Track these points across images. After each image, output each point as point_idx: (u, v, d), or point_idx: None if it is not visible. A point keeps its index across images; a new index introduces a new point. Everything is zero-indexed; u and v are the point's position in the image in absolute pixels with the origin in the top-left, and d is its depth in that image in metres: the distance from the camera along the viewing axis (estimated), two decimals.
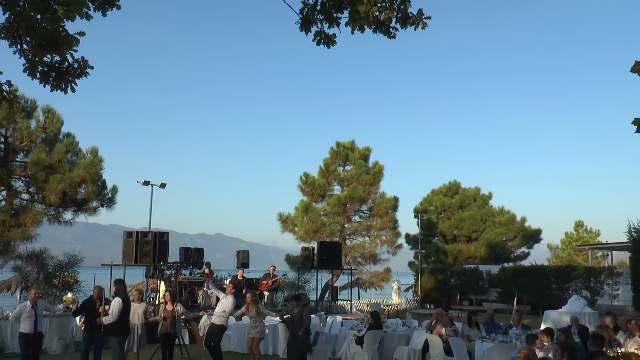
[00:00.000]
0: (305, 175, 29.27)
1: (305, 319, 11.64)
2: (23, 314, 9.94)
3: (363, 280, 29.21)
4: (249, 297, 12.03)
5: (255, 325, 11.77)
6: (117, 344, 9.70)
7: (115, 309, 9.60)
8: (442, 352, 10.58)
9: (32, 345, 9.94)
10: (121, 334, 9.84)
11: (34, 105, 17.19)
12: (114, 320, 9.60)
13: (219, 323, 11.66)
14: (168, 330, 11.29)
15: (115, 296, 9.86)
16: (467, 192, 36.79)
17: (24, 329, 9.94)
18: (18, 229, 16.40)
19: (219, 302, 12.01)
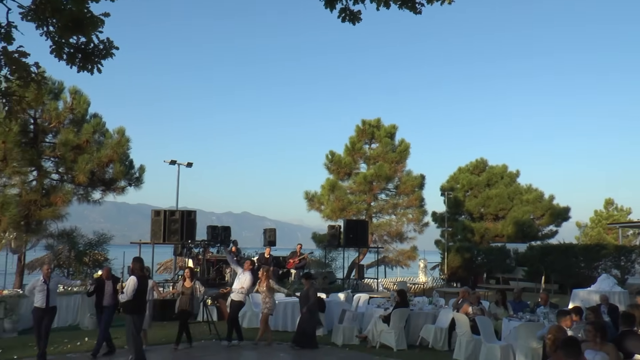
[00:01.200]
0: (331, 154, 29.22)
1: (310, 297, 11.79)
2: (36, 287, 10.08)
3: (389, 258, 29.21)
4: (261, 272, 12.17)
5: (266, 301, 11.95)
6: (131, 323, 9.69)
7: (129, 288, 9.59)
8: (468, 331, 10.56)
9: (44, 318, 10.03)
10: (136, 312, 9.81)
11: (61, 86, 17.37)
12: (129, 299, 9.64)
13: (238, 299, 11.87)
14: (185, 307, 11.40)
15: (132, 274, 9.86)
16: (494, 169, 36.38)
17: (36, 302, 10.08)
18: (49, 208, 16.69)
19: (237, 279, 12.19)
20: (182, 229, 17.70)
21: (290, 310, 14.01)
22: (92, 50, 6.03)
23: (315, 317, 11.98)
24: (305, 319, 11.78)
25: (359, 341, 12.08)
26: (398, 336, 11.45)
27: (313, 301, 11.85)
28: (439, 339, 11.61)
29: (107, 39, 6.02)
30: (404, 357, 10.74)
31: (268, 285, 12.02)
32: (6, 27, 5.57)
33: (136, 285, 9.61)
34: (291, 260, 20.79)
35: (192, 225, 18.12)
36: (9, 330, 13.36)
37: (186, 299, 11.41)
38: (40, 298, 10.02)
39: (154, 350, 11.19)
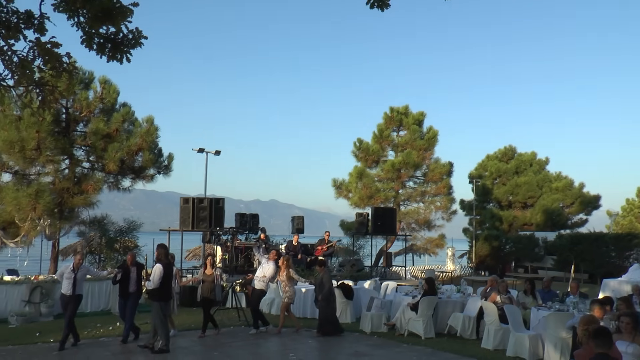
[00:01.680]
0: (359, 141, 29.16)
1: (325, 283, 11.85)
2: (65, 273, 10.31)
3: (417, 246, 29.13)
4: (281, 261, 12.25)
5: (285, 290, 12.05)
6: (159, 309, 9.83)
7: (156, 275, 9.70)
8: (497, 320, 10.50)
9: (68, 305, 10.21)
10: (163, 299, 9.95)
11: (92, 76, 17.63)
12: (156, 287, 9.75)
13: (259, 287, 12.00)
14: (207, 294, 11.50)
15: (157, 261, 9.94)
16: (523, 157, 35.92)
17: (62, 289, 10.37)
18: (80, 196, 17.01)
19: (260, 267, 12.31)
20: (211, 216, 17.89)
21: (311, 297, 14.12)
22: (122, 40, 6.11)
23: (331, 304, 12.04)
24: (322, 307, 11.88)
25: (387, 329, 12.10)
26: (426, 324, 11.44)
27: (328, 288, 11.92)
28: (467, 328, 11.58)
29: (136, 28, 6.09)
30: (432, 345, 10.73)
31: (288, 275, 12.13)
32: (39, 18, 5.67)
33: (162, 273, 9.74)
34: (319, 248, 20.86)
35: (221, 212, 18.30)
36: (45, 314, 13.74)
37: (208, 286, 11.51)
38: (67, 285, 10.26)
39: (183, 336, 11.39)
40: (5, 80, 5.89)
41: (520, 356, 9.56)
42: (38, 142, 15.76)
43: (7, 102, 15.95)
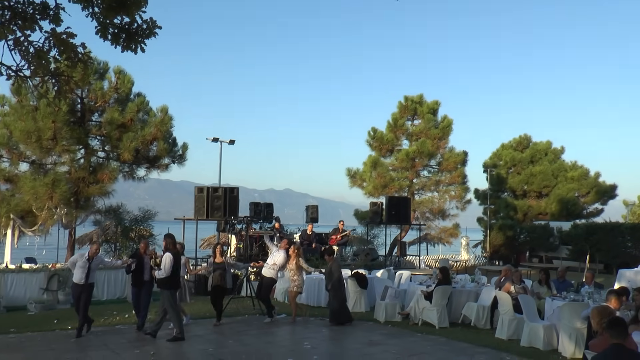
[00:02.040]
0: (373, 130, 29.14)
1: (334, 272, 11.88)
2: (79, 262, 10.29)
3: (431, 235, 29.12)
4: (291, 249, 12.29)
5: (294, 279, 12.10)
6: (169, 298, 9.93)
7: (167, 264, 9.77)
8: (511, 310, 10.48)
9: (81, 294, 10.24)
10: (173, 287, 10.04)
11: (106, 66, 17.69)
12: (167, 275, 9.81)
13: (269, 276, 12.06)
14: (218, 282, 11.57)
15: (165, 251, 10.02)
16: (538, 146, 35.64)
17: (75, 278, 10.33)
18: (96, 185, 17.14)
19: (271, 255, 12.36)
20: (225, 205, 17.99)
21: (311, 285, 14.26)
22: (136, 30, 6.12)
23: (340, 293, 12.08)
24: (332, 296, 11.93)
25: (401, 318, 12.12)
26: (440, 314, 11.45)
27: (337, 277, 11.97)
28: (481, 317, 11.57)
29: (150, 18, 6.10)
30: (446, 334, 10.74)
31: (297, 264, 12.19)
32: (54, 9, 5.69)
33: (172, 262, 9.82)
34: (333, 237, 20.92)
35: (235, 201, 18.39)
36: (62, 301, 13.93)
37: (219, 274, 11.59)
38: (79, 274, 10.24)
39: (198, 324, 11.51)
40: (22, 70, 5.94)
41: (535, 346, 9.54)
42: (54, 132, 15.88)
43: (23, 92, 16.11)
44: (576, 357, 8.72)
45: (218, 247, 12.10)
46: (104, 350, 9.16)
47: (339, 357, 8.88)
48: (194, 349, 9.45)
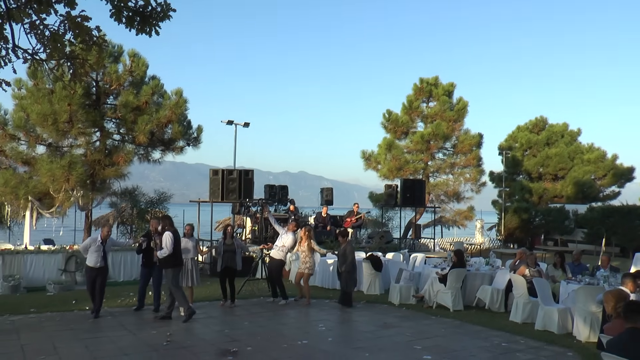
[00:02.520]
0: (388, 113, 29.07)
1: (348, 255, 11.91)
2: (92, 247, 10.34)
3: (446, 218, 29.11)
4: (302, 231, 12.33)
5: (305, 261, 12.15)
6: (173, 276, 10.05)
7: (168, 242, 9.85)
8: (525, 293, 10.46)
9: (96, 277, 10.34)
10: (176, 265, 10.15)
11: (121, 50, 17.72)
12: (170, 253, 9.89)
13: (278, 257, 12.13)
14: (227, 264, 11.65)
15: (163, 231, 10.07)
16: (554, 128, 35.33)
17: (89, 262, 10.37)
18: (112, 167, 17.27)
19: (279, 237, 12.41)
20: (240, 187, 18.05)
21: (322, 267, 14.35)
22: (150, 13, 6.12)
23: (352, 276, 12.15)
24: (345, 278, 11.99)
25: (415, 301, 12.16)
26: (454, 297, 11.46)
27: (350, 259, 12.01)
28: (496, 300, 11.58)
29: (164, 1, 6.10)
30: (460, 317, 10.76)
31: (309, 246, 12.25)
32: None
33: (173, 239, 9.91)
34: (348, 220, 20.95)
35: (250, 184, 18.45)
36: (80, 282, 14.12)
37: (229, 256, 11.66)
38: (94, 258, 10.32)
39: (214, 306, 11.62)
40: (38, 54, 5.98)
41: (549, 330, 9.53)
42: (70, 114, 15.99)
43: (39, 75, 16.21)
44: (591, 340, 8.70)
45: (228, 228, 12.13)
46: (121, 331, 9.29)
47: (353, 339, 8.93)
48: (210, 330, 9.55)
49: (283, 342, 8.56)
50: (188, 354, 7.79)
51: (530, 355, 7.99)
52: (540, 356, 7.96)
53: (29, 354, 7.77)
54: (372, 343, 8.61)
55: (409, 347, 8.35)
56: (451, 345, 8.56)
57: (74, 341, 8.60)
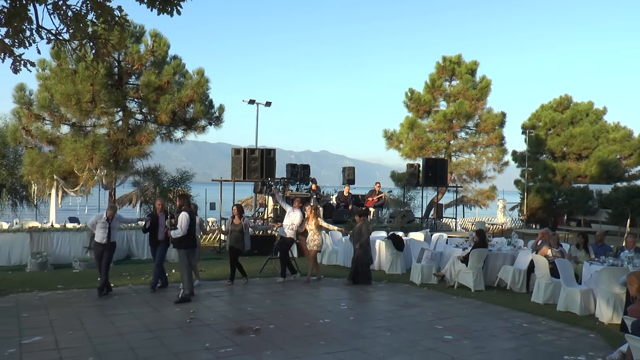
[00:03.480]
0: (410, 91, 28.90)
1: (363, 233, 11.96)
2: (98, 223, 10.44)
3: (468, 198, 28.99)
4: (308, 209, 12.40)
5: (314, 238, 12.24)
6: (185, 257, 10.06)
7: (183, 223, 9.85)
8: (547, 273, 10.40)
9: (104, 252, 10.45)
10: (190, 247, 10.16)
11: (142, 30, 17.77)
12: (184, 234, 9.92)
13: (288, 236, 12.27)
14: (234, 244, 11.71)
15: (179, 211, 10.07)
16: (579, 106, 34.71)
17: (97, 237, 10.51)
18: (134, 147, 17.43)
19: (287, 216, 12.51)
20: (262, 167, 18.13)
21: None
22: None
23: (368, 253, 12.23)
24: (360, 256, 12.05)
25: (436, 280, 12.17)
26: (476, 277, 11.44)
27: (366, 238, 12.07)
28: (517, 281, 11.53)
29: None
30: (481, 297, 10.75)
31: (317, 223, 12.37)
32: None
33: (189, 220, 9.92)
34: (370, 199, 20.98)
35: (272, 163, 18.51)
36: None
37: (236, 235, 11.70)
38: (101, 234, 10.43)
39: (238, 284, 11.75)
40: (61, 34, 6.02)
41: (571, 311, 9.47)
42: (93, 94, 16.13)
43: (62, 56, 16.35)
44: (614, 322, 8.63)
45: (235, 208, 12.10)
46: (145, 308, 9.45)
47: (374, 318, 8.98)
48: (232, 307, 9.67)
49: (305, 321, 8.65)
50: (211, 331, 7.90)
51: (552, 337, 7.96)
52: (562, 337, 7.93)
53: (57, 329, 7.95)
54: (394, 322, 8.65)
55: (430, 327, 8.38)
56: (472, 325, 8.57)
57: (100, 317, 8.79)
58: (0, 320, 8.46)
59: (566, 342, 7.69)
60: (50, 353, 6.80)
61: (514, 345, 7.48)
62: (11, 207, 22.69)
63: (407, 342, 7.49)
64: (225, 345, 7.17)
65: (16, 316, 8.72)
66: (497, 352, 7.13)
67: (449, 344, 7.44)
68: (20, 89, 16.75)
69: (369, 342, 7.48)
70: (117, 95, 17.02)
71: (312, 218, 12.37)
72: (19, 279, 12.08)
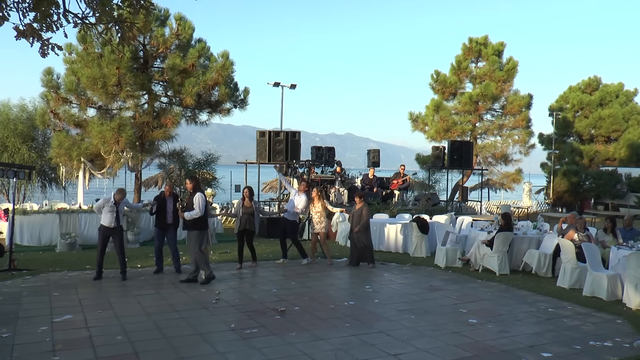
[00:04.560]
0: (436, 73, 28.67)
1: (364, 216, 11.96)
2: (105, 207, 10.44)
3: (493, 181, 28.75)
4: (314, 192, 12.40)
5: (320, 221, 12.27)
6: (196, 239, 10.03)
7: (201, 203, 9.85)
8: (574, 258, 10.29)
9: (113, 237, 10.52)
10: (202, 228, 10.12)
11: (167, 13, 17.81)
12: (201, 215, 9.90)
13: (292, 219, 12.32)
14: (246, 226, 11.73)
15: (194, 192, 10.05)
16: (609, 88, 34.01)
17: (104, 221, 10.47)
18: (160, 129, 17.57)
19: (291, 199, 12.54)
20: (287, 149, 18.19)
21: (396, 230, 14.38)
22: None
23: (368, 235, 12.32)
24: (361, 238, 12.15)
25: (461, 264, 12.15)
26: (501, 260, 11.38)
27: (366, 220, 12.17)
28: (543, 265, 11.44)
29: None
30: (506, 281, 10.70)
31: (322, 206, 12.41)
32: None
33: (204, 201, 9.93)
34: (395, 182, 20.95)
35: (296, 145, 18.55)
36: (132, 241, 14.61)
37: (246, 218, 11.72)
38: (109, 218, 10.42)
39: (262, 266, 11.93)
40: (88, 18, 6.07)
41: (597, 296, 9.38)
42: (118, 78, 16.26)
43: (89, 40, 16.49)
44: None
45: (246, 190, 12.09)
46: (172, 289, 9.60)
47: (399, 301, 9.00)
48: (257, 289, 9.76)
49: (330, 303, 8.70)
50: (236, 312, 8.00)
51: (578, 322, 7.91)
52: (587, 323, 7.87)
53: (86, 308, 8.13)
54: (418, 305, 8.66)
55: (454, 310, 8.38)
56: (497, 309, 8.54)
57: (127, 297, 8.96)
58: (33, 299, 8.69)
59: (592, 327, 7.63)
60: (80, 331, 6.95)
61: (538, 329, 7.45)
62: (41, 188, 23.17)
63: (431, 326, 7.50)
64: (250, 326, 7.26)
65: (47, 295, 8.94)
66: (522, 336, 7.11)
67: (473, 328, 7.44)
68: (48, 72, 16.96)
69: (393, 324, 7.51)
70: (143, 78, 17.13)
71: (317, 200, 12.37)
72: (49, 259, 12.38)
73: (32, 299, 8.65)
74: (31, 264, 11.62)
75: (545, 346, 6.69)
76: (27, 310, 7.94)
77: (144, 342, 6.54)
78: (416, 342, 6.76)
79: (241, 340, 6.71)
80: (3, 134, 21.23)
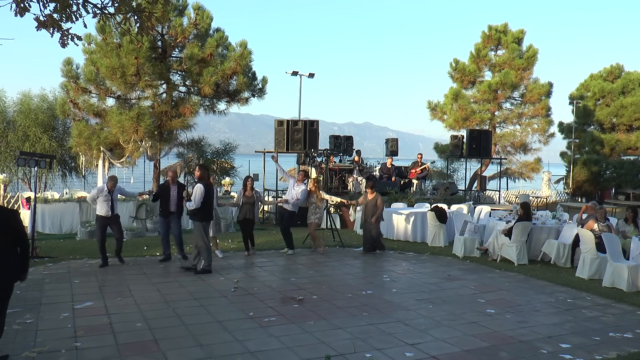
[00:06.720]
0: (455, 62, 28.46)
1: (379, 206, 11.98)
2: (100, 197, 10.48)
3: (512, 170, 28.52)
4: (311, 183, 12.44)
5: (315, 212, 12.26)
6: (201, 229, 9.95)
7: (197, 195, 9.74)
8: (593, 248, 10.20)
9: (111, 226, 10.59)
10: (205, 219, 10.03)
11: (185, 3, 17.86)
12: (197, 207, 9.80)
13: (291, 209, 12.32)
14: (247, 215, 11.76)
15: (198, 182, 9.96)
16: (631, 75, 33.39)
17: (100, 211, 10.54)
18: (178, 119, 17.67)
19: (290, 189, 12.57)
20: (305, 138, 18.20)
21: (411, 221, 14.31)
22: None
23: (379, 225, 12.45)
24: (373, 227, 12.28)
25: (479, 253, 12.11)
26: (519, 250, 11.32)
27: (381, 210, 12.32)
28: (562, 255, 11.36)
29: None
30: (524, 272, 10.64)
31: (320, 196, 12.40)
32: None
33: (203, 193, 9.80)
34: (413, 171, 20.88)
35: (315, 134, 18.55)
36: (151, 230, 14.77)
37: (248, 207, 11.75)
38: (105, 207, 10.49)
39: (280, 255, 11.94)
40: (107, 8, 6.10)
41: (618, 287, 9.28)
42: (137, 68, 16.37)
43: (107, 30, 16.60)
44: None
45: (249, 180, 12.09)
46: (190, 276, 9.69)
47: (417, 290, 8.99)
48: (276, 277, 9.82)
49: (348, 292, 8.73)
50: (255, 300, 8.05)
51: (597, 313, 7.85)
52: (607, 314, 7.80)
53: (107, 295, 8.24)
54: (436, 295, 8.66)
55: (472, 300, 8.36)
56: (515, 299, 8.50)
57: (147, 284, 9.05)
58: (55, 285, 8.83)
59: (612, 318, 7.57)
60: (100, 318, 7.05)
61: (557, 320, 7.40)
62: (61, 177, 23.48)
63: (449, 315, 7.49)
64: (268, 315, 7.31)
65: (69, 282, 9.08)
66: (540, 326, 7.07)
67: (492, 318, 7.42)
68: (68, 63, 17.12)
69: (411, 314, 7.52)
70: (161, 68, 17.22)
71: (314, 191, 12.37)
72: (70, 246, 12.56)
73: (54, 286, 8.78)
74: (52, 251, 11.80)
75: (564, 337, 6.65)
76: (49, 297, 8.07)
77: (163, 329, 6.62)
78: (434, 331, 6.76)
79: (260, 328, 6.76)
80: (24, 123, 21.51)
